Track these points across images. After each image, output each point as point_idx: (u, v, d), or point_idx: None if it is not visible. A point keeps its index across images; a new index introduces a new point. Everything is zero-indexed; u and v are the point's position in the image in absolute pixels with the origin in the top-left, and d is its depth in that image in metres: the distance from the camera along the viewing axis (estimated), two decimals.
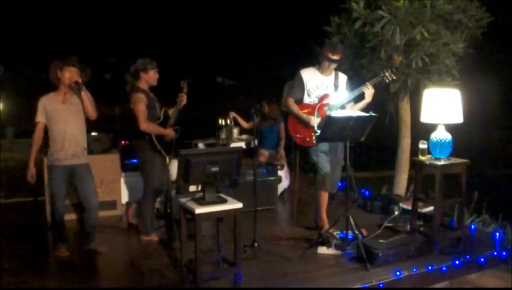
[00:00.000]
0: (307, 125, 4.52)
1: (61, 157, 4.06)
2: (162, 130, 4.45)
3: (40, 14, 15.35)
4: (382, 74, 4.56)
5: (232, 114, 6.32)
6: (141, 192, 4.63)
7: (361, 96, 4.58)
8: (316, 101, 4.58)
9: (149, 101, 4.42)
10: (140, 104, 4.32)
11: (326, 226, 4.58)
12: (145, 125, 4.31)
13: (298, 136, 4.59)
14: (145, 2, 16.17)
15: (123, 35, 16.33)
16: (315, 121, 4.44)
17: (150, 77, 4.49)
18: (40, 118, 4.05)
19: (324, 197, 4.69)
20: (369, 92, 4.47)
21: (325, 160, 4.58)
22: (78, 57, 4.14)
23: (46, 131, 4.10)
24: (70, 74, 3.97)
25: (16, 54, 15.07)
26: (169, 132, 4.53)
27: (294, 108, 4.58)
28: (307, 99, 4.60)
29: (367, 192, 6.24)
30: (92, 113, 4.12)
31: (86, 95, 4.04)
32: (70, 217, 5.17)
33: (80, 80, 3.96)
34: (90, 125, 4.40)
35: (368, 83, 4.48)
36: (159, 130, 4.43)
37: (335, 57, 4.47)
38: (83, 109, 4.11)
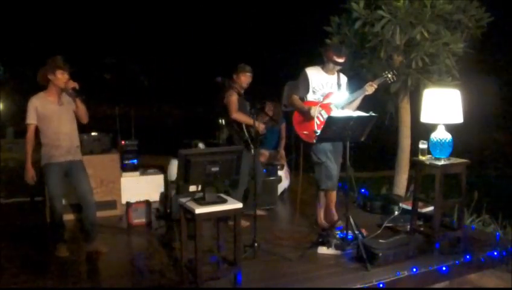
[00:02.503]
0: (312, 120, 4.54)
1: (56, 154, 4.09)
2: (250, 120, 4.72)
3: (40, 14, 15.36)
4: (385, 75, 4.61)
5: None
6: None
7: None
8: (321, 99, 4.61)
9: (240, 98, 4.77)
10: (232, 97, 4.76)
11: (339, 222, 4.59)
12: (235, 114, 4.78)
13: (305, 132, 4.60)
14: (145, 2, 16.17)
15: (123, 35, 16.33)
16: (312, 110, 4.49)
17: (241, 79, 4.89)
18: (32, 120, 4.05)
19: (334, 195, 4.74)
20: (371, 89, 4.50)
21: (331, 160, 4.60)
22: (79, 57, 4.17)
23: (36, 131, 4.13)
24: (62, 76, 4.05)
25: (16, 54, 15.07)
26: (257, 124, 4.73)
27: (299, 103, 4.61)
28: (311, 97, 4.62)
29: (367, 192, 6.24)
30: (85, 119, 4.27)
31: (79, 101, 4.17)
32: (70, 217, 5.17)
33: (77, 86, 4.08)
34: (90, 125, 4.43)
35: (371, 83, 4.53)
36: (247, 119, 4.78)
37: (340, 60, 4.52)
38: (76, 112, 4.22)
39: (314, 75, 4.63)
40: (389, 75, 4.61)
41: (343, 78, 4.75)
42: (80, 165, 4.26)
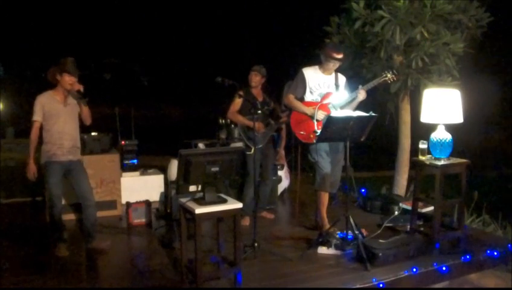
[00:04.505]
0: (311, 120, 4.53)
1: (58, 153, 4.15)
2: (245, 121, 4.94)
3: (40, 14, 15.36)
4: (384, 75, 4.59)
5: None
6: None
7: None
8: (319, 99, 4.60)
9: (246, 97, 4.80)
10: (235, 99, 4.96)
11: (327, 225, 4.59)
12: (229, 115, 5.08)
13: (302, 132, 4.59)
14: (146, 3, 16.18)
15: (123, 35, 16.34)
16: (318, 114, 4.47)
17: (248, 78, 5.09)
18: (38, 117, 4.13)
19: (324, 197, 4.69)
20: (361, 96, 4.49)
21: (325, 160, 4.59)
22: (79, 56, 4.21)
23: (40, 128, 4.18)
24: (69, 79, 4.13)
25: (16, 54, 15.08)
26: (257, 125, 4.77)
27: (297, 104, 4.59)
28: (309, 97, 4.62)
29: (367, 192, 6.24)
30: (88, 121, 4.35)
31: (83, 104, 4.24)
32: (70, 217, 5.17)
33: (81, 89, 4.15)
34: (90, 125, 4.45)
35: (360, 88, 4.52)
36: (242, 120, 4.97)
37: (339, 56, 4.52)
38: (80, 114, 4.30)
39: (311, 75, 4.62)
40: (389, 75, 4.59)
41: (342, 79, 4.73)
42: (79, 165, 4.32)
